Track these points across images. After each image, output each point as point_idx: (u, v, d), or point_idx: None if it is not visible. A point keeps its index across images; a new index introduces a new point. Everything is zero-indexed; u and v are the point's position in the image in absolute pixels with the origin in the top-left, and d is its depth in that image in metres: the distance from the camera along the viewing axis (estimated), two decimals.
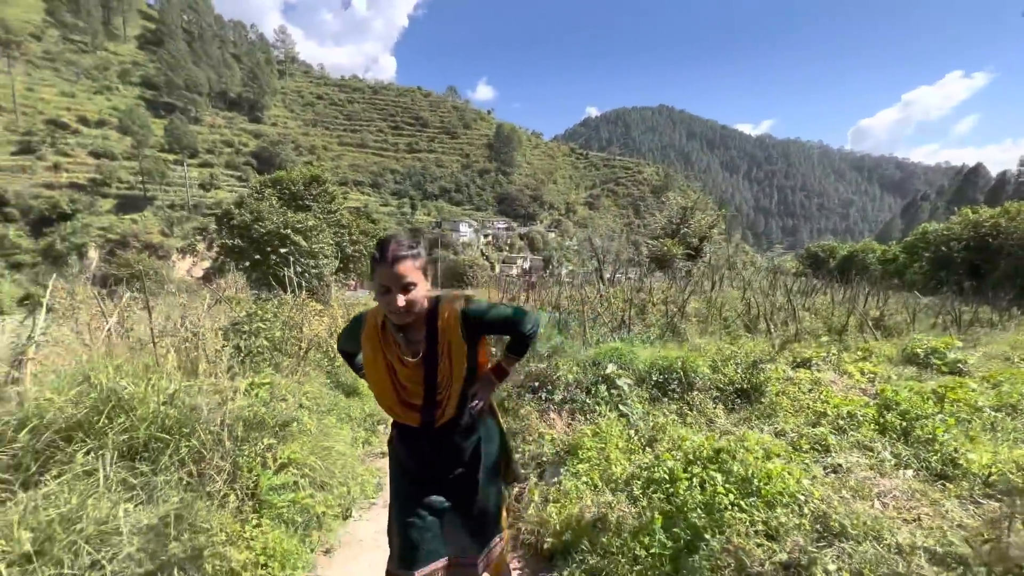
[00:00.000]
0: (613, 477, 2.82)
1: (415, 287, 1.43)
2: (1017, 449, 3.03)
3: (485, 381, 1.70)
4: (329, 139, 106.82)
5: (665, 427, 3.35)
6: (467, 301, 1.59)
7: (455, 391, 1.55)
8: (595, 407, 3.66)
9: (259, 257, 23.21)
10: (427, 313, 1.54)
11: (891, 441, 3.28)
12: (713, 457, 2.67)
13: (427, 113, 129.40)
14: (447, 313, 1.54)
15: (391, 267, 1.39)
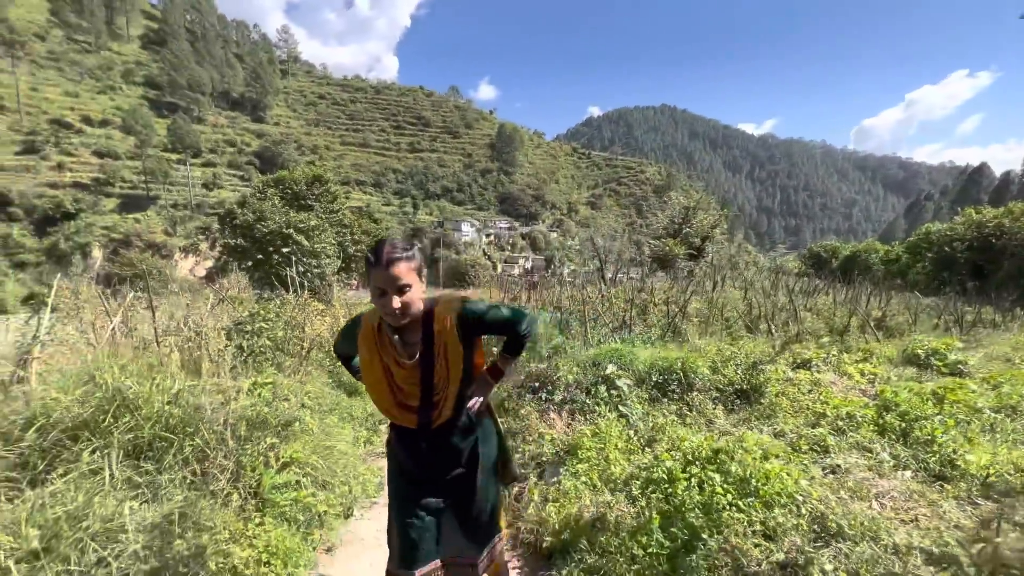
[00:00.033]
0: (612, 477, 2.83)
1: (410, 289, 1.43)
2: (1016, 450, 3.04)
3: (481, 382, 1.71)
4: (331, 139, 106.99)
5: (664, 427, 3.36)
6: (463, 302, 1.59)
7: (452, 392, 1.55)
8: (595, 407, 3.68)
9: (261, 257, 23.31)
10: (423, 315, 1.54)
11: (890, 442, 3.28)
12: (712, 457, 2.68)
13: (429, 113, 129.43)
14: (443, 314, 1.54)
15: (386, 269, 1.40)
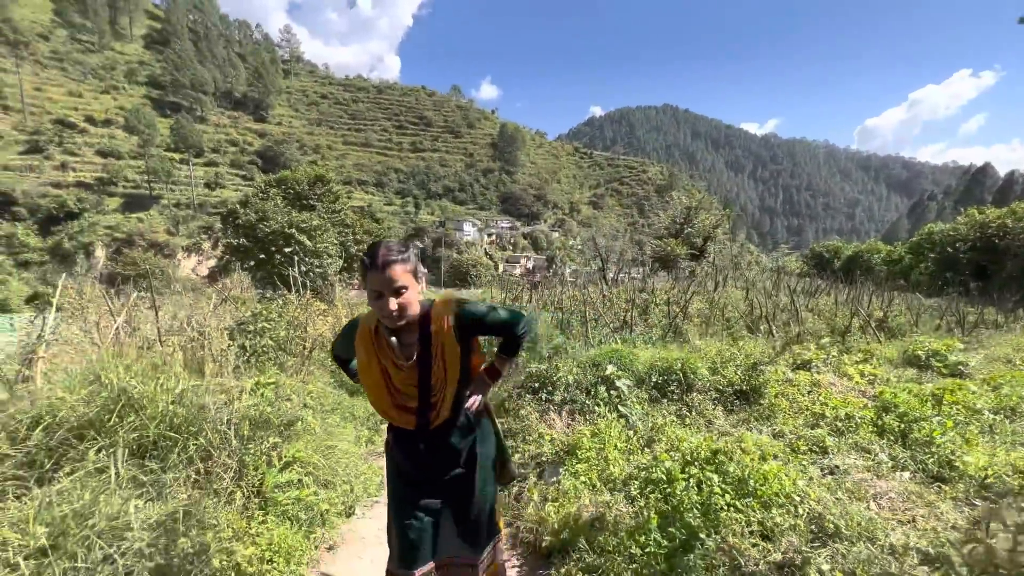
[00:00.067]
0: (611, 477, 2.86)
1: (407, 290, 1.45)
2: (1014, 452, 3.05)
3: (479, 382, 1.73)
4: (333, 138, 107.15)
5: (663, 428, 3.38)
6: (459, 303, 1.61)
7: (450, 393, 1.57)
8: (595, 408, 3.70)
9: (264, 256, 23.39)
10: (420, 316, 1.55)
11: (889, 443, 3.30)
12: (710, 458, 2.70)
13: (431, 112, 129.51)
14: (440, 316, 1.56)
15: (382, 272, 1.41)
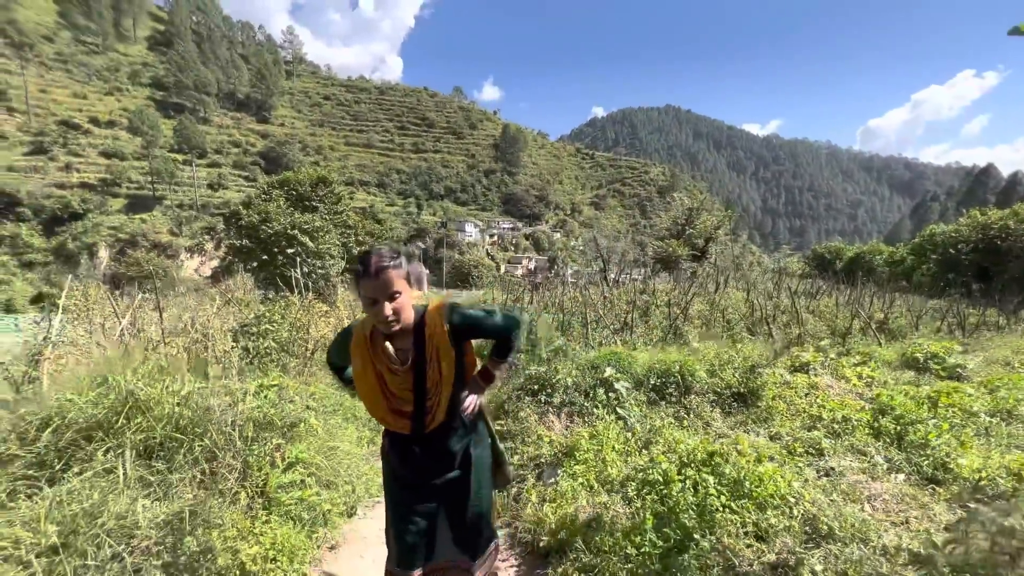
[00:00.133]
0: (609, 478, 2.89)
1: (400, 295, 1.48)
2: (1009, 454, 3.07)
3: (473, 384, 1.76)
4: (336, 139, 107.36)
5: (661, 430, 3.41)
6: (453, 307, 1.64)
7: (444, 396, 1.60)
8: (593, 410, 3.73)
9: (266, 258, 23.49)
10: (414, 321, 1.59)
11: (885, 445, 3.33)
12: (707, 460, 2.73)
13: (433, 113, 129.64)
14: (434, 320, 1.59)
15: (375, 278, 1.44)
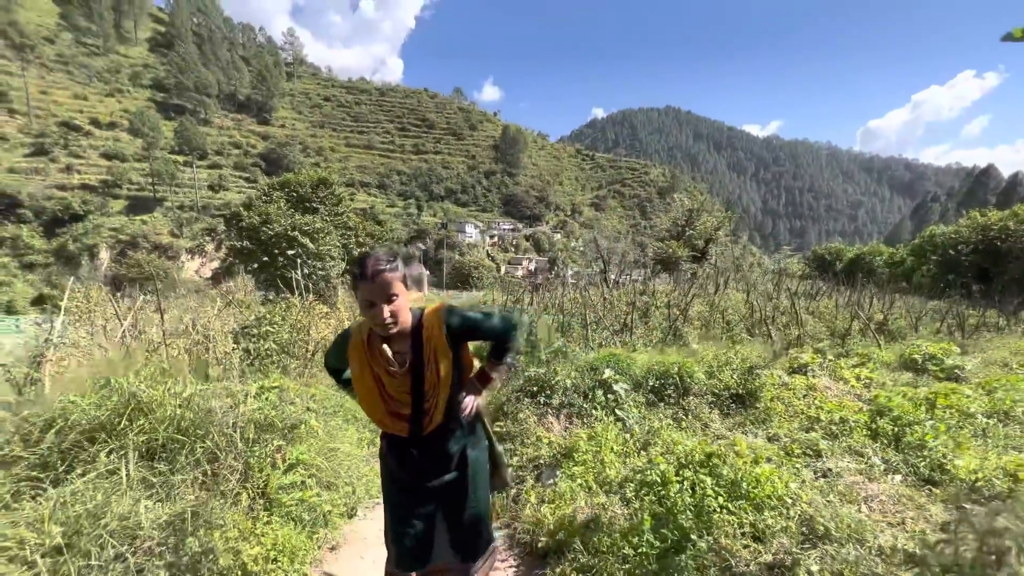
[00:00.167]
0: (607, 480, 2.91)
1: (398, 298, 1.50)
2: (1006, 455, 3.09)
3: (471, 386, 1.77)
4: (336, 140, 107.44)
5: (660, 431, 3.43)
6: (450, 310, 1.66)
7: (442, 399, 1.61)
8: (592, 411, 3.75)
9: (267, 259, 23.55)
10: (412, 324, 1.61)
11: (882, 447, 3.34)
12: (704, 461, 2.75)
13: (433, 115, 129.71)
14: (431, 322, 1.61)
15: (372, 281, 1.46)
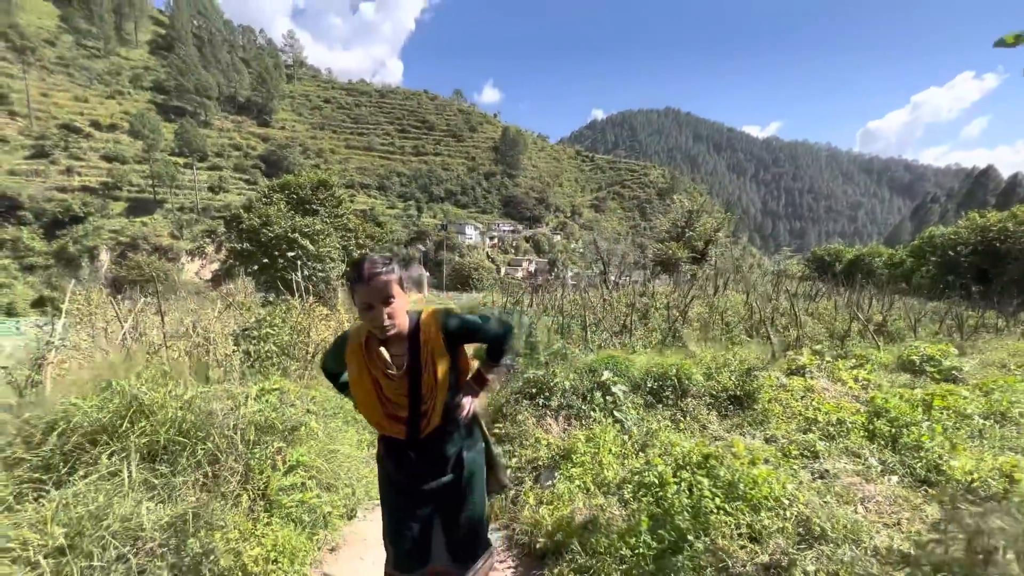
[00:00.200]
0: (605, 481, 2.93)
1: (395, 300, 1.52)
2: (1002, 456, 3.11)
3: (468, 388, 1.79)
4: (336, 142, 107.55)
5: (658, 433, 3.45)
6: (447, 313, 1.68)
7: (439, 401, 1.63)
8: (591, 413, 3.77)
9: (267, 261, 23.57)
10: (409, 326, 1.62)
11: (879, 448, 3.36)
12: (702, 462, 2.77)
13: (433, 116, 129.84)
14: (428, 325, 1.63)
15: (369, 284, 1.48)
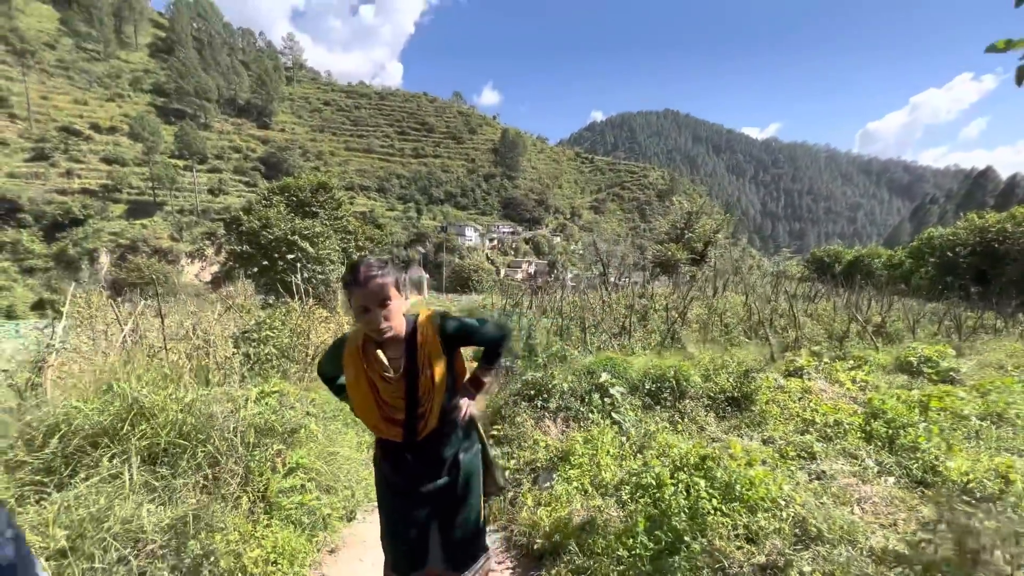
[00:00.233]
0: (603, 482, 2.94)
1: (391, 302, 1.53)
2: (998, 456, 3.12)
3: (464, 391, 1.80)
4: (336, 144, 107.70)
5: (655, 434, 3.47)
6: (444, 315, 1.70)
7: (436, 403, 1.64)
8: (589, 415, 3.78)
9: (267, 263, 23.58)
10: (406, 329, 1.64)
11: (876, 449, 3.38)
12: (699, 464, 2.78)
13: (433, 118, 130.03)
14: (425, 328, 1.64)
15: (365, 287, 1.48)
